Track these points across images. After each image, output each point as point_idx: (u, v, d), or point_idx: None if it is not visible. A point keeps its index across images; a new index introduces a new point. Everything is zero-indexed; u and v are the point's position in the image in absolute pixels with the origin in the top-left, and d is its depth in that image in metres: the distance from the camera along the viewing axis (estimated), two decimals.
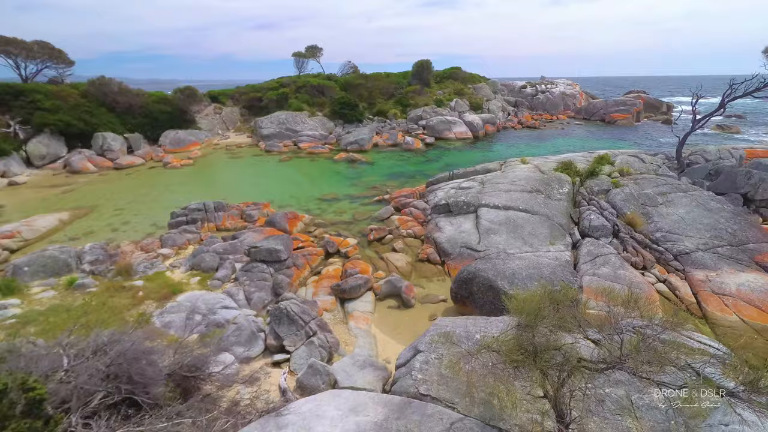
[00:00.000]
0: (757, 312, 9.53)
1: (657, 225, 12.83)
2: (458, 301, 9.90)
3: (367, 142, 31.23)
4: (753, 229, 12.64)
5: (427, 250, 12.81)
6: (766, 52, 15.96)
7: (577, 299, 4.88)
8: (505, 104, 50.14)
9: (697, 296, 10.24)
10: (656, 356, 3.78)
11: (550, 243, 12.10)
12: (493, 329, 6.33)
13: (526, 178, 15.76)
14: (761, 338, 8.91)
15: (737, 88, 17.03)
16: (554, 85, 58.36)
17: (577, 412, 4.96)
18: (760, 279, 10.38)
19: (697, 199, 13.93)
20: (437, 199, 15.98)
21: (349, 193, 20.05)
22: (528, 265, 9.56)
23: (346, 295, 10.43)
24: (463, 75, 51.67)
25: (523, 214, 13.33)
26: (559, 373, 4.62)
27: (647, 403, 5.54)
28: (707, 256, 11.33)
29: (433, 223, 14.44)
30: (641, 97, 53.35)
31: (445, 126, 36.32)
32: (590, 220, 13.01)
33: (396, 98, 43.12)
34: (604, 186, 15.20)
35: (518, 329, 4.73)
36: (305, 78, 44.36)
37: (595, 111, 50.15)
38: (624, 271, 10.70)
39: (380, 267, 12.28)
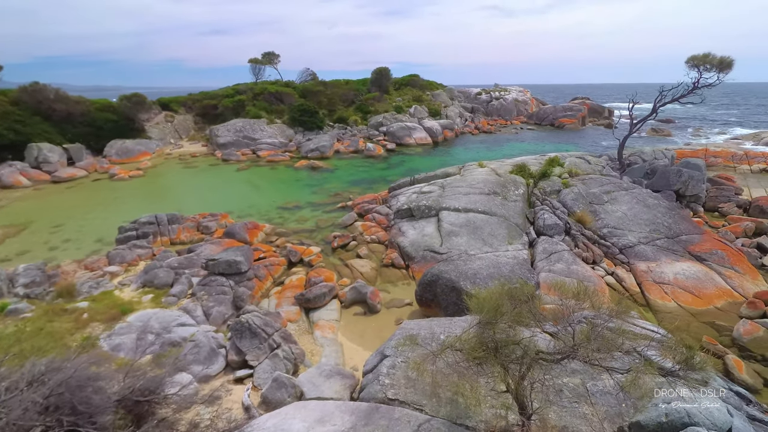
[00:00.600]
0: (692, 297, 10.45)
1: (604, 222, 13.75)
2: (423, 303, 10.03)
3: (328, 149, 31.05)
4: (685, 222, 13.88)
5: (392, 255, 12.89)
6: (688, 62, 17.70)
7: (533, 295, 5.10)
8: (463, 110, 51.83)
9: (641, 286, 11.06)
10: (605, 344, 4.04)
11: (508, 242, 12.60)
12: (457, 329, 6.47)
13: (484, 181, 16.34)
14: (696, 321, 9.76)
15: (666, 94, 18.72)
16: (507, 92, 61.18)
17: (537, 403, 5.17)
18: (693, 267, 11.40)
19: (637, 196, 15.09)
20: (400, 204, 16.16)
21: (311, 201, 19.79)
22: (488, 265, 9.88)
23: (310, 305, 10.25)
24: (421, 82, 52.86)
25: (483, 216, 13.79)
26: (519, 366, 4.80)
27: (600, 389, 5.89)
28: (648, 248, 12.28)
29: (397, 227, 14.57)
30: (586, 103, 57.21)
31: (406, 132, 36.90)
32: (544, 219, 13.70)
33: (356, 105, 43.30)
34: (556, 186, 16.09)
35: (480, 327, 4.87)
36: (263, 85, 43.46)
37: (545, 116, 53.09)
38: (576, 266, 11.35)
39: (345, 274, 12.19)
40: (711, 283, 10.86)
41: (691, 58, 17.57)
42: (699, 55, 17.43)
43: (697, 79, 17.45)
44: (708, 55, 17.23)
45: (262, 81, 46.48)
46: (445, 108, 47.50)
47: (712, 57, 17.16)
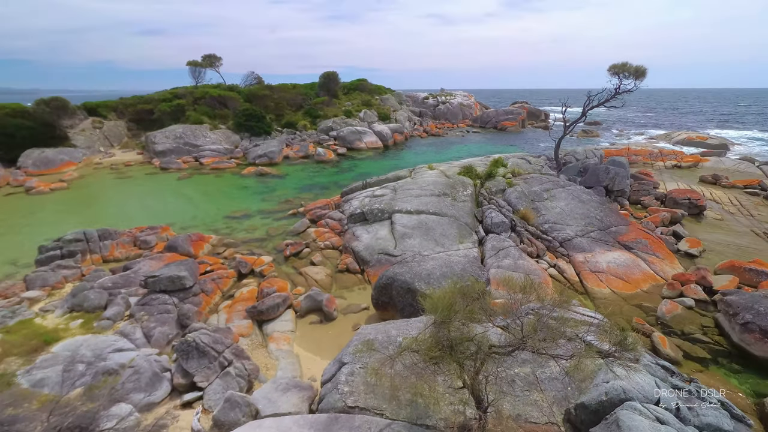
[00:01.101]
0: (623, 283, 11.46)
1: (545, 217, 14.68)
2: (380, 307, 10.04)
3: (277, 155, 30.20)
4: (614, 215, 15.23)
5: (346, 260, 12.78)
6: (610, 70, 19.50)
7: (484, 291, 5.29)
8: (411, 114, 52.97)
9: (579, 275, 11.94)
10: (550, 333, 4.29)
11: (459, 242, 13.01)
12: (413, 330, 6.54)
13: (434, 182, 16.78)
14: (627, 304, 10.72)
15: (593, 99, 20.46)
16: (453, 96, 63.52)
17: (492, 395, 5.36)
18: (622, 256, 12.52)
19: (572, 193, 16.31)
20: (353, 208, 16.10)
21: (260, 209, 19.09)
22: (441, 265, 10.13)
23: (263, 317, 9.84)
24: (369, 87, 53.28)
25: (434, 217, 14.13)
26: (474, 362, 4.95)
27: (549, 376, 6.24)
28: (584, 240, 13.30)
29: (350, 232, 14.49)
30: (525, 107, 61.00)
31: (356, 136, 36.94)
32: (492, 217, 14.34)
33: (305, 109, 42.62)
34: (501, 186, 16.93)
35: (435, 327, 4.96)
36: (204, 89, 41.31)
37: (488, 119, 55.83)
38: (522, 261, 11.99)
39: (299, 282, 11.88)
40: (638, 269, 12.00)
41: (612, 66, 19.36)
42: (618, 63, 19.24)
43: (618, 85, 19.25)
44: (626, 64, 19.09)
45: (203, 84, 44.22)
46: (395, 112, 48.27)
47: (629, 66, 19.04)
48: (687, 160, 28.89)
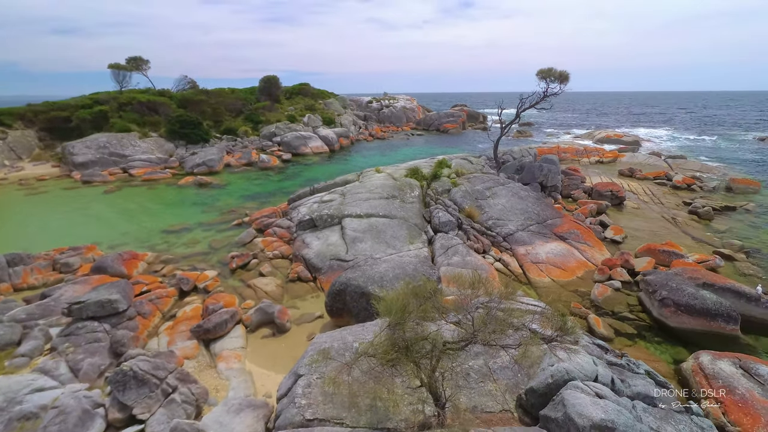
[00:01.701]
0: (560, 271, 12.37)
1: (488, 214, 15.43)
2: (334, 314, 9.88)
3: (217, 163, 28.68)
4: (549, 208, 16.40)
5: (297, 269, 12.44)
6: (538, 75, 21.03)
7: (435, 290, 5.42)
8: (356, 118, 53.07)
9: (523, 267, 12.69)
10: (498, 325, 4.49)
11: (410, 243, 13.24)
12: (369, 334, 6.51)
13: (382, 185, 16.93)
14: (565, 290, 11.58)
15: (525, 101, 21.91)
16: (396, 100, 64.72)
17: (449, 390, 5.49)
18: (559, 246, 13.51)
19: (512, 190, 17.32)
20: (301, 215, 15.74)
21: (201, 221, 17.97)
22: (394, 266, 10.23)
23: (210, 335, 9.25)
24: (312, 91, 52.55)
25: (384, 220, 14.25)
26: (430, 360, 5.04)
27: (500, 366, 6.54)
28: (525, 234, 14.16)
29: (300, 239, 14.14)
30: (464, 110, 63.83)
31: (301, 141, 36.24)
32: (439, 217, 14.77)
33: (245, 115, 40.94)
34: (446, 186, 17.51)
35: (390, 329, 4.97)
36: (130, 94, 38.07)
37: (431, 122, 57.65)
38: (470, 257, 12.49)
39: (248, 296, 11.34)
40: (572, 257, 13.02)
41: (539, 71, 20.88)
42: (545, 69, 20.80)
43: (546, 88, 20.81)
44: (551, 69, 20.69)
45: (129, 89, 40.77)
46: (339, 116, 48.07)
47: (554, 71, 20.67)
48: (607, 156, 32.04)
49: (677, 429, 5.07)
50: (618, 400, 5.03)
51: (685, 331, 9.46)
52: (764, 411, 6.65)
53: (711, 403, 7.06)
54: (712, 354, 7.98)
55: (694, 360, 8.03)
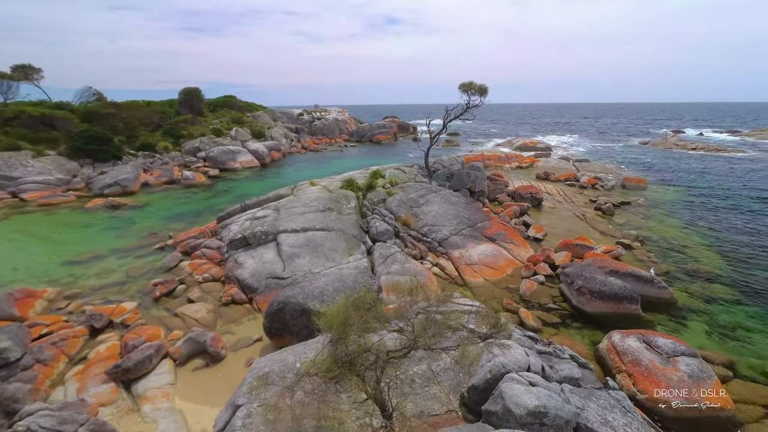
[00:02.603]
0: (492, 271, 13.17)
1: (423, 221, 15.96)
2: (274, 335, 9.43)
3: (132, 183, 26.05)
4: (478, 212, 17.45)
5: (231, 291, 11.69)
6: (460, 88, 22.48)
7: (376, 300, 5.43)
8: (287, 131, 51.94)
9: (458, 270, 13.28)
10: (437, 328, 4.62)
11: (348, 254, 13.17)
12: (311, 352, 6.31)
13: (317, 198, 16.69)
14: (497, 288, 12.34)
15: (450, 113, 23.23)
16: (327, 112, 64.67)
17: (396, 399, 5.50)
18: (489, 247, 14.40)
19: (444, 197, 18.14)
20: (232, 233, 14.87)
21: (115, 247, 16.11)
22: (333, 280, 10.08)
23: (131, 375, 8.26)
24: (239, 103, 50.43)
25: (321, 233, 14.02)
26: (374, 371, 5.01)
27: (443, 368, 6.72)
28: (458, 238, 14.87)
29: (232, 260, 13.33)
30: (395, 121, 65.73)
31: (229, 156, 34.47)
32: (376, 227, 14.94)
33: (164, 129, 37.87)
34: (381, 196, 17.80)
35: (332, 344, 4.87)
36: (18, 107, 33.12)
37: (364, 133, 58.47)
38: (409, 264, 12.77)
39: (175, 326, 10.36)
40: (501, 256, 13.95)
41: (461, 85, 22.32)
42: (466, 83, 22.31)
43: (468, 101, 22.30)
44: (472, 82, 22.24)
45: (17, 101, 35.52)
46: (269, 129, 46.67)
47: (475, 84, 22.25)
48: (525, 161, 35.13)
49: (598, 404, 5.62)
50: (548, 385, 5.44)
51: (600, 315, 10.60)
52: (664, 377, 7.66)
53: (623, 377, 7.97)
54: (621, 333, 9.03)
55: (607, 340, 9.02)
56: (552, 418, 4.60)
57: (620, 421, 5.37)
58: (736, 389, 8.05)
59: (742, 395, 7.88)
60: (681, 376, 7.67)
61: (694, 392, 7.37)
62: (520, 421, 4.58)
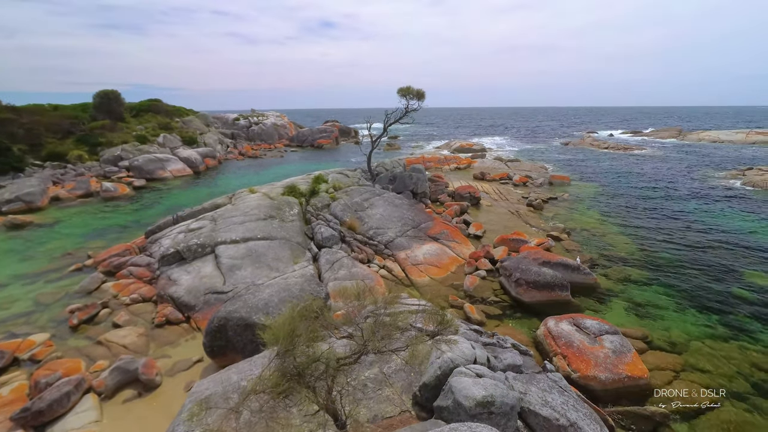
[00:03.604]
0: (437, 269, 13.57)
1: (368, 224, 16.00)
2: (217, 353, 8.83)
3: (38, 197, 22.97)
4: (422, 213, 17.91)
5: (165, 311, 10.75)
6: (398, 92, 22.99)
7: (323, 307, 5.31)
8: (222, 137, 49.32)
9: (405, 271, 13.50)
10: (386, 330, 4.63)
11: (294, 262, 12.78)
12: (258, 368, 6.01)
13: (258, 206, 16.01)
14: (443, 286, 12.74)
15: (390, 117, 23.64)
16: (265, 117, 62.48)
17: (348, 407, 5.42)
18: (433, 246, 14.82)
19: (387, 199, 18.36)
20: (164, 248, 13.73)
21: (19, 273, 14.07)
22: (279, 290, 9.71)
23: (45, 417, 7.23)
24: (166, 108, 46.88)
25: (263, 242, 13.46)
26: (325, 381, 4.89)
27: (394, 369, 6.75)
28: (403, 239, 15.12)
29: (165, 276, 12.30)
30: (336, 125, 65.40)
31: (157, 164, 31.86)
32: (321, 233, 14.68)
33: (77, 136, 33.98)
34: (325, 201, 17.56)
35: (279, 358, 4.66)
36: None
37: (305, 138, 57.38)
38: (356, 269, 12.70)
39: (99, 355, 9.28)
40: (445, 255, 14.44)
41: (399, 89, 22.81)
42: (404, 87, 22.85)
43: (407, 105, 22.85)
44: (410, 87, 22.83)
45: None
46: (202, 135, 43.95)
47: (412, 89, 22.88)
48: (463, 162, 36.82)
49: (538, 387, 6.01)
50: (494, 375, 5.71)
51: (536, 303, 11.39)
52: (593, 356, 8.42)
53: (559, 359, 8.62)
54: (555, 318, 9.77)
55: (543, 326, 9.71)
56: (499, 406, 4.83)
57: (558, 401, 5.79)
58: (651, 359, 9.09)
59: (655, 364, 8.92)
60: (606, 352, 8.48)
61: (617, 366, 8.20)
62: (470, 413, 4.74)
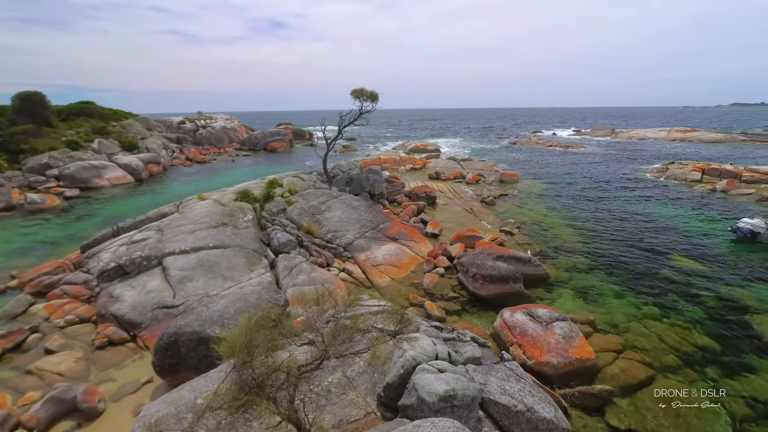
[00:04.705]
0: (397, 269, 13.69)
1: (326, 228, 15.81)
2: (168, 372, 8.27)
3: None
4: (380, 214, 18.00)
5: (107, 331, 9.91)
6: (352, 94, 22.94)
7: (282, 315, 5.15)
8: (167, 141, 46.48)
9: (365, 272, 13.49)
10: (347, 333, 4.60)
11: (250, 270, 12.31)
12: (213, 384, 5.72)
13: (209, 213, 15.25)
14: (403, 285, 12.88)
15: (345, 119, 23.53)
16: (214, 120, 59.68)
17: (312, 414, 5.31)
18: (392, 247, 14.94)
19: (345, 201, 18.26)
20: (104, 263, 12.65)
21: None
22: (234, 300, 9.31)
23: None
24: (101, 111, 43.23)
25: (216, 251, 12.84)
26: (286, 390, 4.75)
27: (358, 372, 6.72)
28: (362, 241, 15.11)
29: (106, 294, 11.34)
30: (289, 128, 63.92)
31: (93, 172, 29.36)
32: (278, 238, 14.28)
33: None
34: (281, 206, 17.11)
35: (236, 371, 4.46)
36: None
37: (257, 142, 55.52)
38: (316, 273, 12.50)
39: (29, 386, 8.35)
40: (404, 254, 14.61)
41: (353, 91, 22.77)
42: (358, 89, 22.85)
43: (361, 106, 22.87)
44: (363, 89, 22.88)
45: None
46: (144, 140, 41.11)
47: (366, 91, 22.95)
48: (418, 163, 37.51)
49: (497, 377, 6.26)
50: (455, 369, 5.85)
51: (492, 297, 11.84)
52: (545, 342, 8.91)
53: (515, 348, 9.03)
54: (510, 310, 10.22)
55: (500, 318, 10.12)
56: (461, 399, 4.96)
57: (515, 388, 6.06)
58: (595, 341, 9.79)
59: (599, 345, 9.62)
60: (557, 338, 9.01)
61: (567, 350, 8.74)
62: (434, 408, 4.83)
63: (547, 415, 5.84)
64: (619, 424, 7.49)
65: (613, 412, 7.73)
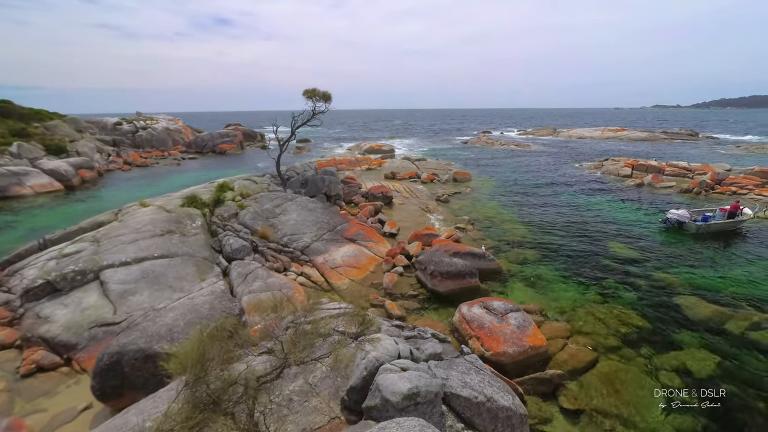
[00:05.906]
0: (356, 270, 13.62)
1: (282, 231, 15.36)
2: (110, 396, 7.58)
3: None
4: (337, 216, 17.81)
5: (34, 356, 8.89)
6: (304, 95, 22.47)
7: (237, 325, 4.91)
8: (101, 144, 42.77)
9: (324, 275, 13.27)
10: (307, 339, 4.47)
11: (201, 280, 11.64)
12: (164, 404, 5.32)
13: (152, 221, 14.21)
14: (363, 286, 12.84)
15: (297, 119, 23.00)
16: (155, 120, 55.88)
17: (274, 425, 5.11)
18: (351, 248, 14.84)
19: (300, 204, 17.85)
20: (28, 280, 11.34)
21: None
22: (184, 312, 8.76)
23: None
24: (20, 111, 38.87)
25: (162, 261, 11.99)
26: (245, 404, 4.53)
27: (320, 377, 6.57)
28: (320, 243, 14.85)
29: (32, 314, 10.17)
30: (239, 129, 61.38)
31: (11, 179, 26.30)
32: (230, 244, 13.64)
33: None
34: (232, 210, 16.36)
35: (189, 388, 4.18)
36: None
37: (204, 144, 52.72)
38: (272, 279, 12.08)
39: None
40: (363, 255, 14.57)
41: (305, 91, 22.31)
42: (310, 89, 22.43)
43: (314, 107, 22.48)
44: (315, 89, 22.50)
45: None
46: (74, 143, 37.52)
47: (318, 91, 22.59)
48: (374, 163, 37.64)
49: (458, 370, 6.41)
50: (417, 366, 5.91)
51: (450, 292, 12.14)
52: (501, 333, 9.28)
53: (473, 341, 9.32)
54: (467, 304, 10.54)
55: (458, 313, 10.40)
56: (424, 396, 5.01)
57: (475, 380, 6.25)
58: (546, 329, 10.38)
59: (550, 333, 10.20)
60: (512, 329, 9.43)
61: (522, 339, 9.18)
62: (398, 407, 4.83)
63: (505, 404, 6.08)
64: (570, 405, 7.99)
65: (565, 395, 8.23)
